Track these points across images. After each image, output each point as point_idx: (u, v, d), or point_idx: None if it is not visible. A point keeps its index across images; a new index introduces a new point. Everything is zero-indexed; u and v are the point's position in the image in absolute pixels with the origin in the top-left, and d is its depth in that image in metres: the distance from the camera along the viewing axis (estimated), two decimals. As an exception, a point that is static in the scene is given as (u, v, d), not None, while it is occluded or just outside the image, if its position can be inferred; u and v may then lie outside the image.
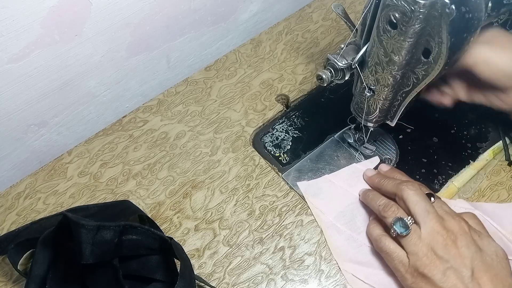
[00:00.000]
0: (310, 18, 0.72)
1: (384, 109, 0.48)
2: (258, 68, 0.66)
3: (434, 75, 0.41)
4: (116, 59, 0.57)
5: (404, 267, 0.43)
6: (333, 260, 0.50)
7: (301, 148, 0.59)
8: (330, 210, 0.52)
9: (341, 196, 0.53)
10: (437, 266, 0.41)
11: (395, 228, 0.43)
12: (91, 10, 0.50)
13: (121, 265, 0.44)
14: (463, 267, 0.40)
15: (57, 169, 0.58)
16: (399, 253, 0.44)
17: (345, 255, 0.49)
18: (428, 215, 0.43)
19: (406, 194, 0.45)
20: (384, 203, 0.46)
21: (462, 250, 0.41)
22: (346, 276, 0.48)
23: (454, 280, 0.40)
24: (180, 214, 0.54)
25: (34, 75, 0.50)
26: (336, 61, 0.46)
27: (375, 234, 0.47)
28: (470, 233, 0.42)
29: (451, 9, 0.35)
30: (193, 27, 0.63)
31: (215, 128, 0.61)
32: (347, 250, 0.50)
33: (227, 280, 0.49)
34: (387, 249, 0.45)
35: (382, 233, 0.46)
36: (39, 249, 0.45)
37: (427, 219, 0.43)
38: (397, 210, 0.45)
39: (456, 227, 0.42)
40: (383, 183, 0.50)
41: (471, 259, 0.41)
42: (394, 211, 0.45)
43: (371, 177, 0.53)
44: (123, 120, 0.62)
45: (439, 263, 0.41)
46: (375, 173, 0.53)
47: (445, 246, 0.41)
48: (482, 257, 0.41)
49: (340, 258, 0.49)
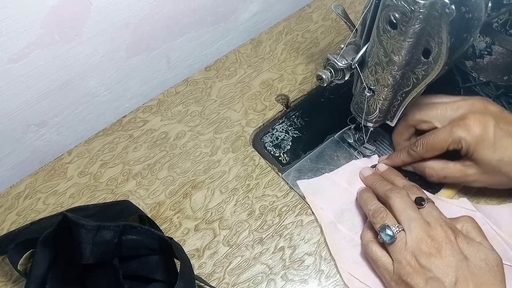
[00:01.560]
0: (310, 18, 0.72)
1: (384, 109, 0.48)
2: (258, 68, 0.66)
3: (434, 75, 0.41)
4: (116, 59, 0.57)
5: (389, 275, 0.43)
6: (333, 260, 0.50)
7: (301, 148, 0.59)
8: (330, 208, 0.52)
9: (341, 194, 0.53)
10: (420, 275, 0.41)
11: (381, 235, 0.43)
12: (91, 10, 0.50)
13: (121, 265, 0.44)
14: (446, 277, 0.40)
15: (57, 169, 0.58)
16: (384, 261, 0.44)
17: (343, 253, 0.49)
18: (412, 223, 0.43)
19: (392, 201, 0.45)
20: (374, 209, 0.46)
21: (447, 259, 0.40)
22: (343, 274, 0.48)
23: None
24: (180, 214, 0.54)
25: (34, 75, 0.50)
26: (336, 61, 0.46)
27: (364, 239, 0.47)
28: (456, 241, 0.42)
29: (451, 9, 0.35)
30: (193, 27, 0.63)
31: (215, 128, 0.61)
32: (344, 249, 0.50)
33: (227, 280, 0.49)
34: (373, 256, 0.45)
35: (371, 239, 0.46)
36: (39, 249, 0.45)
37: (412, 227, 0.42)
38: (386, 216, 0.45)
39: (442, 236, 0.42)
40: (376, 185, 0.50)
41: (455, 268, 0.40)
42: (382, 218, 0.45)
43: (366, 177, 0.53)
44: (123, 120, 0.62)
45: (422, 272, 0.41)
46: (371, 172, 0.53)
47: (429, 255, 0.41)
48: (467, 266, 0.40)
49: (338, 256, 0.49)
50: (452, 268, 0.40)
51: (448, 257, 0.41)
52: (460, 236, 0.43)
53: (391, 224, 0.44)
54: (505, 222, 0.49)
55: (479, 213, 0.50)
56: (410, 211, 0.44)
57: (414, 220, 0.43)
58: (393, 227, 0.43)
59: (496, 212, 0.50)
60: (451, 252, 0.41)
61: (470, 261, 0.41)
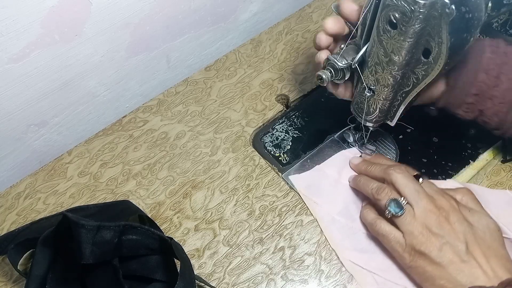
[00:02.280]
0: (310, 18, 0.72)
1: (384, 109, 0.48)
2: (258, 68, 0.66)
3: (434, 75, 0.41)
4: (116, 59, 0.57)
5: (401, 247, 0.44)
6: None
7: (301, 148, 0.59)
8: (324, 200, 0.53)
9: (333, 185, 0.54)
10: (433, 242, 0.42)
11: (389, 209, 0.44)
12: (91, 10, 0.50)
13: (121, 265, 0.44)
14: (458, 242, 0.42)
15: (57, 169, 0.58)
16: (395, 234, 0.45)
17: (342, 244, 0.50)
18: (419, 195, 0.44)
19: (394, 177, 0.46)
20: (377, 186, 0.47)
21: (455, 226, 0.43)
22: (345, 263, 0.49)
23: (450, 255, 0.42)
24: (180, 214, 0.54)
25: (34, 75, 0.50)
26: (336, 61, 0.46)
27: (369, 218, 0.48)
28: (459, 209, 0.44)
29: (451, 9, 0.35)
30: (193, 27, 0.63)
31: (215, 128, 0.61)
32: (343, 239, 0.50)
33: (227, 280, 0.49)
34: (383, 232, 0.46)
35: (377, 216, 0.47)
36: (39, 249, 0.45)
37: (418, 199, 0.44)
38: (390, 192, 0.46)
39: (447, 205, 0.44)
40: (370, 169, 0.51)
41: (464, 234, 0.42)
42: (387, 193, 0.46)
43: (357, 165, 0.53)
44: (123, 120, 0.62)
45: (435, 240, 0.42)
46: (361, 160, 0.54)
47: (439, 223, 0.43)
48: (473, 232, 0.43)
49: (338, 248, 0.50)
50: (461, 234, 0.42)
51: (456, 224, 0.43)
52: (461, 206, 0.45)
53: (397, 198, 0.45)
54: (494, 206, 0.50)
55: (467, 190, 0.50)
56: (413, 184, 0.45)
57: (419, 192, 0.45)
58: (400, 200, 0.45)
59: (486, 194, 0.51)
60: (458, 219, 0.43)
61: (475, 227, 0.43)
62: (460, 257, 0.41)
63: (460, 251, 0.42)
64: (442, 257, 0.42)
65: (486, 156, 0.56)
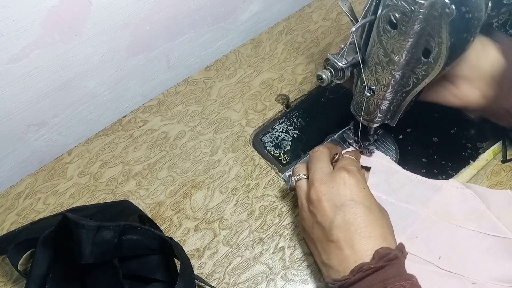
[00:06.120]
0: (310, 18, 0.72)
1: (384, 109, 0.48)
2: (258, 68, 0.66)
3: (434, 75, 0.41)
4: (116, 59, 0.57)
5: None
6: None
7: (301, 148, 0.59)
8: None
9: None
10: (309, 219, 0.46)
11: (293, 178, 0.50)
12: (91, 10, 0.50)
13: (121, 265, 0.44)
14: (325, 221, 0.44)
15: (57, 169, 0.58)
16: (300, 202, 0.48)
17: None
18: (312, 173, 0.47)
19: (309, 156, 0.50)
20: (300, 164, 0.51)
21: (326, 206, 0.44)
22: None
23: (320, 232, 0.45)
24: (180, 214, 0.54)
25: (34, 75, 0.50)
26: (336, 61, 0.46)
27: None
28: (338, 191, 0.45)
29: (451, 9, 0.35)
30: (193, 27, 0.63)
31: (215, 128, 0.61)
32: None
33: (227, 280, 0.49)
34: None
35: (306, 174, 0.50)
36: (39, 249, 0.45)
37: (310, 175, 0.48)
38: (302, 169, 0.49)
39: (328, 184, 0.45)
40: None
41: (333, 214, 0.44)
42: (299, 169, 0.50)
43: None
44: (123, 120, 0.62)
45: (311, 216, 0.46)
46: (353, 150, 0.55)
47: (313, 202, 0.45)
48: (344, 212, 0.43)
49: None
50: (330, 213, 0.44)
51: (327, 203, 0.44)
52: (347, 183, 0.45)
53: (300, 173, 0.49)
54: (495, 206, 0.49)
55: (468, 190, 0.50)
56: (315, 162, 0.48)
57: (315, 170, 0.47)
58: (296, 176, 0.49)
59: (488, 194, 0.51)
60: (330, 200, 0.44)
61: (346, 206, 0.44)
62: (327, 237, 0.43)
63: (327, 229, 0.43)
64: (313, 233, 0.45)
65: (486, 156, 0.56)
